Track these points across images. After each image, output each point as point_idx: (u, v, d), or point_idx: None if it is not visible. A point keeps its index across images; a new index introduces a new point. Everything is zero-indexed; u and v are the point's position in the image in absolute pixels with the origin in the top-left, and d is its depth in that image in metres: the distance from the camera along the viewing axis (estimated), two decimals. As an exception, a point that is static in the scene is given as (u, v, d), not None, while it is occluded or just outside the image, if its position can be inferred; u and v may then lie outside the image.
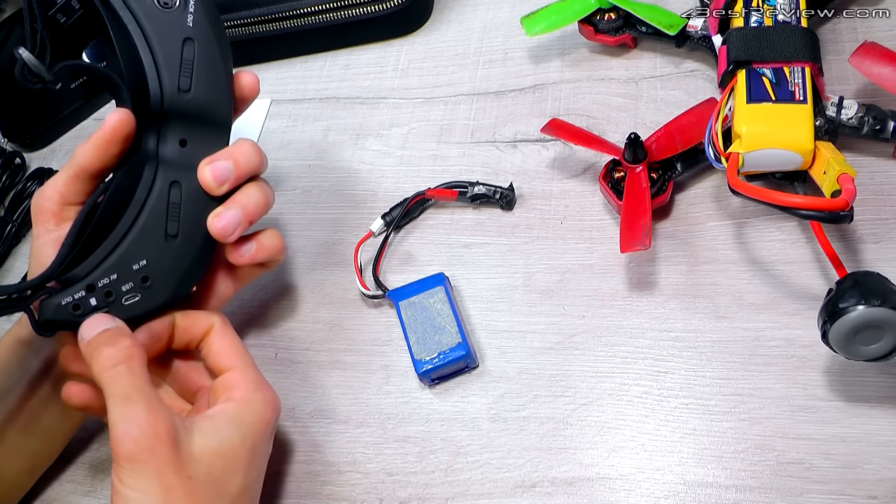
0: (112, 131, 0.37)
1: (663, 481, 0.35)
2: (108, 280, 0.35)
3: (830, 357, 0.35)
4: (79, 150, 0.38)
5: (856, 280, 0.30)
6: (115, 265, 0.35)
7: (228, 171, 0.37)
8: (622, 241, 0.38)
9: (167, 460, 0.31)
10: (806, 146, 0.36)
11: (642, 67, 0.48)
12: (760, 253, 0.39)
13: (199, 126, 0.37)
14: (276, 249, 0.40)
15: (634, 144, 0.40)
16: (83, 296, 0.35)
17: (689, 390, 0.37)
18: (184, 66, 0.36)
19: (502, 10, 0.55)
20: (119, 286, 0.35)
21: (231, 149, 0.38)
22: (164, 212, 0.36)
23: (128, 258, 0.36)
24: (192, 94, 0.37)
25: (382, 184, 0.49)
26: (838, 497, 0.32)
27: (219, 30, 0.38)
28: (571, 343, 0.40)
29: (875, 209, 0.38)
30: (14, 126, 0.61)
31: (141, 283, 0.36)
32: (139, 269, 0.36)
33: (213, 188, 0.37)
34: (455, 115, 0.51)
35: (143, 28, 0.36)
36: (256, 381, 0.37)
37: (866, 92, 0.41)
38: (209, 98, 0.37)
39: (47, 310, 0.35)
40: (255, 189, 0.38)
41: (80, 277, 0.35)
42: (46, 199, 0.38)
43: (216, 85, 0.37)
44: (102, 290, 0.35)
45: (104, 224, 0.36)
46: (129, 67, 0.36)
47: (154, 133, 0.37)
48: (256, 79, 0.39)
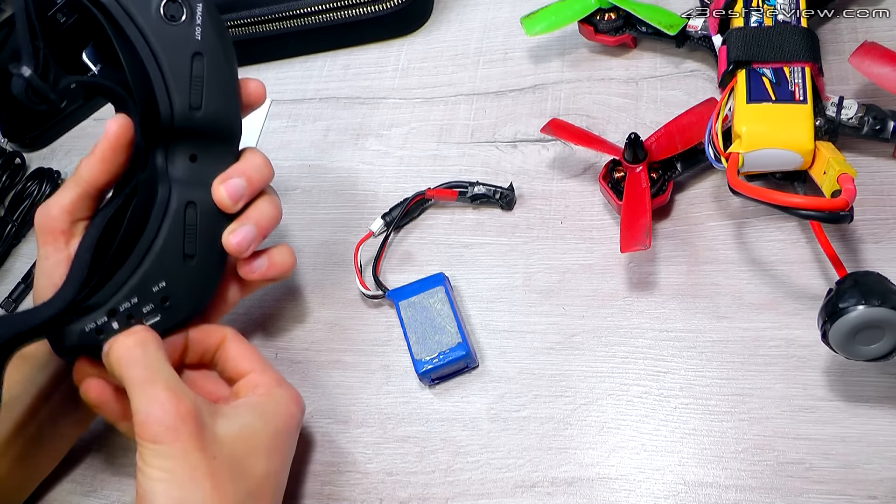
0: (116, 139, 0.36)
1: (663, 481, 0.35)
2: (130, 304, 0.35)
3: (830, 357, 0.35)
4: (84, 166, 0.37)
5: (856, 280, 0.30)
6: (135, 288, 0.35)
7: (242, 188, 0.37)
8: (622, 241, 0.38)
9: (191, 439, 0.31)
10: (806, 146, 0.36)
11: (642, 67, 0.48)
12: (760, 253, 0.39)
13: (209, 141, 0.37)
14: (286, 267, 0.40)
15: (634, 144, 0.40)
16: (105, 321, 0.35)
17: (689, 390, 0.37)
18: (194, 82, 0.36)
19: (502, 10, 0.55)
20: (140, 308, 0.35)
21: (242, 164, 0.38)
22: (180, 233, 0.36)
23: (147, 281, 0.35)
24: (203, 111, 0.36)
25: (382, 184, 0.49)
26: (838, 497, 0.32)
27: (226, 41, 0.37)
28: (571, 343, 0.40)
29: (875, 209, 0.38)
30: (14, 126, 0.61)
31: (161, 304, 0.36)
32: (159, 291, 0.36)
33: (229, 206, 0.37)
34: (455, 115, 0.51)
35: (150, 44, 0.35)
36: (278, 379, 0.38)
37: (866, 92, 0.41)
38: (220, 113, 0.37)
39: (71, 336, 0.34)
40: (266, 203, 0.39)
41: (102, 302, 0.35)
42: (53, 219, 0.37)
43: (226, 100, 0.37)
44: (124, 314, 0.35)
45: (120, 244, 0.36)
46: (138, 85, 0.36)
47: (163, 149, 0.36)
48: (262, 86, 0.40)
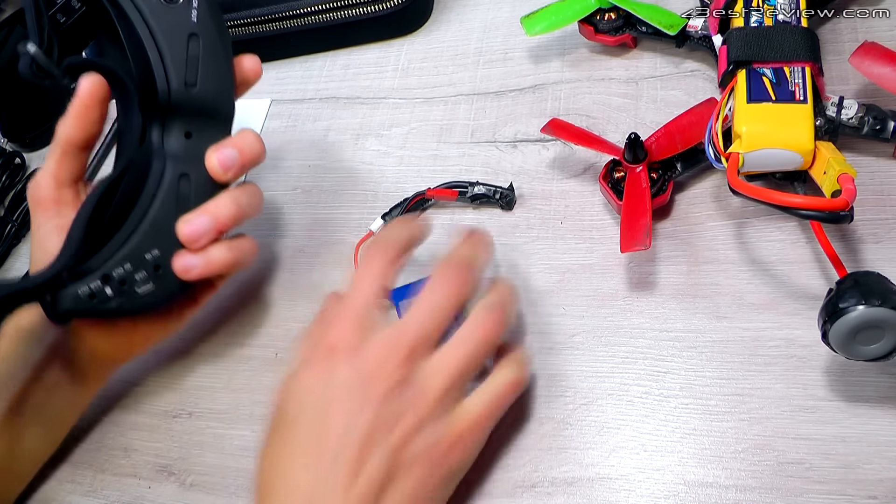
0: (89, 96, 0.38)
1: (663, 481, 0.35)
2: (123, 270, 0.36)
3: (830, 357, 0.35)
4: (60, 128, 0.39)
5: (856, 280, 0.30)
6: (128, 255, 0.37)
7: (234, 158, 0.38)
8: (622, 241, 0.38)
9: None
10: (806, 146, 0.36)
11: (642, 67, 0.48)
12: (760, 253, 0.39)
13: (203, 119, 0.39)
14: (226, 265, 0.39)
15: (634, 144, 0.40)
16: (99, 286, 0.36)
17: (689, 390, 0.37)
18: (189, 61, 0.37)
19: (502, 10, 0.55)
20: (133, 275, 0.37)
21: (236, 138, 0.39)
22: (174, 203, 0.38)
23: (141, 248, 0.37)
24: (198, 88, 0.38)
25: (382, 184, 0.49)
26: (838, 497, 0.32)
27: (220, 24, 0.39)
28: (571, 343, 0.40)
29: (875, 209, 0.38)
30: (14, 126, 0.61)
31: (154, 272, 0.37)
32: (152, 259, 0.37)
33: (220, 174, 0.38)
34: (455, 115, 0.51)
35: (149, 25, 0.37)
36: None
37: (866, 92, 0.41)
38: (214, 92, 0.38)
39: (65, 300, 0.36)
40: (227, 199, 0.39)
41: (96, 268, 0.36)
42: (43, 187, 0.39)
43: (220, 79, 0.39)
44: (117, 279, 0.36)
45: (114, 214, 0.37)
46: (137, 64, 0.37)
47: (159, 126, 0.38)
48: (258, 61, 0.41)
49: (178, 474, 0.42)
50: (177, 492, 0.42)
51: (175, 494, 0.42)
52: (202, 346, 0.47)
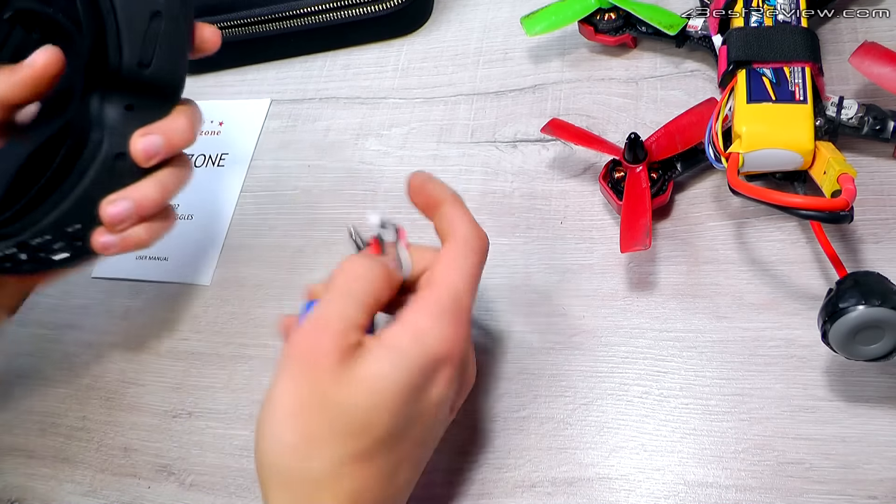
0: (43, 69, 0.36)
1: (663, 481, 0.35)
2: (42, 240, 0.36)
3: (830, 357, 0.35)
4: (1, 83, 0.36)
5: (856, 280, 0.30)
6: (50, 227, 0.35)
7: (158, 146, 0.37)
8: (622, 241, 0.38)
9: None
10: (806, 146, 0.36)
11: (642, 67, 0.48)
12: (760, 253, 0.39)
13: (149, 95, 0.37)
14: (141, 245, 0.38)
15: (634, 144, 0.40)
16: (14, 252, 0.35)
17: (689, 390, 0.37)
18: (147, 40, 0.35)
19: (502, 10, 0.55)
20: (51, 245, 0.36)
21: (166, 122, 0.37)
22: (106, 180, 0.36)
23: (64, 221, 0.36)
24: (152, 69, 0.36)
25: (382, 184, 0.49)
26: (838, 497, 0.32)
27: (188, 7, 0.37)
28: (571, 343, 0.40)
29: (875, 209, 0.38)
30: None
31: (71, 242, 0.36)
32: (73, 232, 0.36)
33: (142, 161, 0.37)
34: (455, 115, 0.51)
35: None
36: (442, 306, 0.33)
37: (866, 92, 0.41)
38: (167, 73, 0.36)
39: None
40: (152, 185, 0.38)
41: (14, 233, 0.35)
42: None
43: (176, 61, 0.37)
44: (34, 247, 0.36)
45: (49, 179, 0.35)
46: (90, 26, 0.35)
47: (100, 94, 0.36)
48: (218, 34, 0.38)
49: (178, 474, 0.42)
50: (176, 492, 0.42)
51: (175, 494, 0.42)
52: (202, 346, 0.47)
